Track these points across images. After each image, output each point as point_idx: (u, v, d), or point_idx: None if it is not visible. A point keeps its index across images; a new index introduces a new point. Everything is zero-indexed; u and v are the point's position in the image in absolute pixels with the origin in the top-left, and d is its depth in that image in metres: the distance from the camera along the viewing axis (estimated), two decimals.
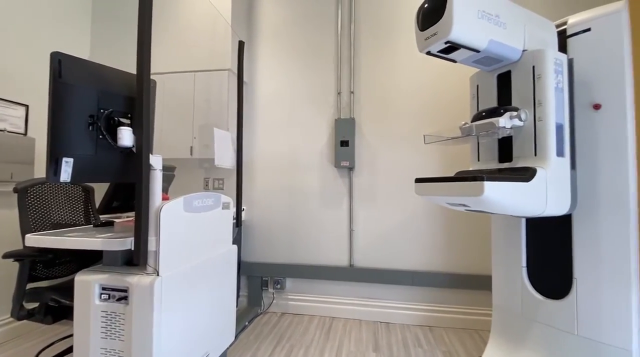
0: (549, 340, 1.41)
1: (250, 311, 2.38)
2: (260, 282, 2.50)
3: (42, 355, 1.78)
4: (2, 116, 2.00)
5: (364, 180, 2.43)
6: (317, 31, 2.55)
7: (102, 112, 1.14)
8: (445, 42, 1.20)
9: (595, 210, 1.29)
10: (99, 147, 1.14)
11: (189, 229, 1.33)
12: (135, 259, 1.09)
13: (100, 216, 1.67)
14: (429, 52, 1.31)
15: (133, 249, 1.11)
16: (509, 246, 1.57)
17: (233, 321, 1.69)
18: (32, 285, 1.37)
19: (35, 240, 1.19)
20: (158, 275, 1.14)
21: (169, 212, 1.20)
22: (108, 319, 1.14)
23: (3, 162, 1.93)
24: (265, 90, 2.62)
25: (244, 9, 2.57)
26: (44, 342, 1.95)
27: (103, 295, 1.15)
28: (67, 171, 1.03)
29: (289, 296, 2.49)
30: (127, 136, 1.12)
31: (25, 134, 2.14)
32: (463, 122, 1.42)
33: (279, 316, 2.41)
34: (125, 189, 1.64)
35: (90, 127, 1.11)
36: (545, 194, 1.21)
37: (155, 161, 1.16)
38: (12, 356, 1.81)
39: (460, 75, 2.33)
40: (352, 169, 2.44)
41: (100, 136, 1.14)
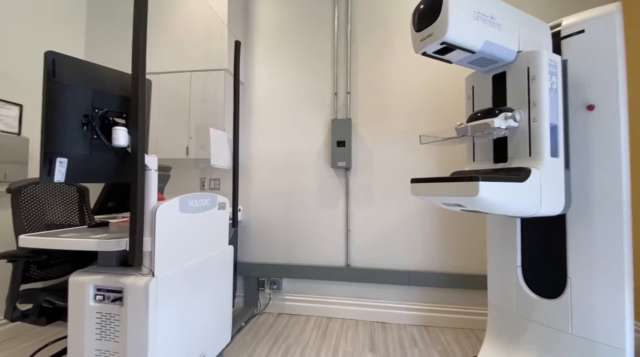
0: (544, 339, 1.42)
1: (247, 312, 2.38)
2: (257, 283, 2.50)
3: None
4: None
5: (361, 180, 2.44)
6: (313, 31, 2.55)
7: (96, 112, 1.13)
8: (441, 43, 1.21)
9: (589, 210, 1.30)
10: (94, 147, 1.13)
11: (185, 229, 1.32)
12: (130, 259, 1.09)
13: (95, 217, 1.66)
14: (425, 53, 1.32)
15: (128, 249, 1.10)
16: (504, 246, 1.58)
17: (229, 322, 1.69)
18: (26, 286, 1.36)
19: (29, 241, 1.18)
20: (153, 276, 1.14)
21: (165, 213, 1.19)
22: (103, 320, 1.13)
23: None
24: (262, 90, 2.61)
25: (240, 9, 2.57)
26: (38, 344, 1.93)
27: (98, 296, 1.14)
28: (61, 171, 1.02)
29: (286, 297, 2.49)
30: (122, 136, 1.12)
31: (19, 134, 2.12)
32: (459, 123, 1.42)
33: (276, 317, 2.41)
34: (121, 189, 1.63)
35: (85, 127, 1.10)
36: (540, 194, 1.22)
37: (151, 161, 1.15)
38: None
39: (456, 75, 2.34)
40: (348, 169, 2.45)
41: (95, 136, 1.13)
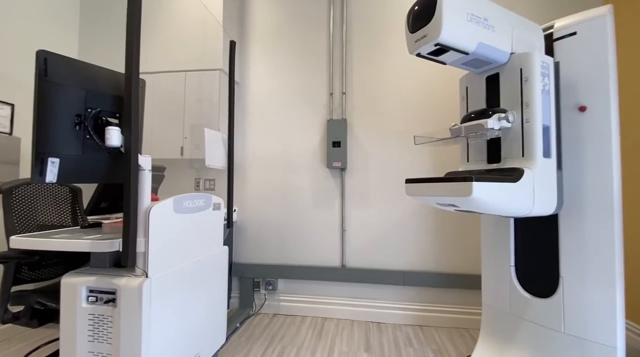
0: (537, 338, 1.43)
1: (242, 313, 2.37)
2: (252, 284, 2.49)
3: None
4: None
5: (356, 180, 2.44)
6: (309, 32, 2.55)
7: (89, 112, 1.12)
8: (435, 45, 1.21)
9: (581, 210, 1.32)
10: (87, 147, 1.12)
11: (179, 230, 1.32)
12: (124, 260, 1.08)
13: (89, 217, 1.64)
14: (419, 54, 1.32)
15: (121, 250, 1.09)
16: (498, 246, 1.59)
17: (224, 323, 1.68)
18: (17, 288, 1.34)
19: (21, 242, 1.17)
20: (147, 277, 1.13)
21: (159, 213, 1.19)
22: (95, 321, 1.12)
23: None
24: (257, 90, 2.61)
25: (236, 8, 2.56)
26: (30, 346, 1.90)
27: (90, 297, 1.13)
28: (53, 171, 1.01)
29: (281, 297, 2.48)
30: (115, 136, 1.11)
31: (11, 133, 2.09)
32: (453, 124, 1.43)
33: (271, 317, 2.40)
34: (114, 189, 1.62)
35: (77, 127, 1.09)
36: (533, 194, 1.23)
37: (144, 161, 1.15)
38: None
39: (451, 76, 2.36)
40: (344, 169, 2.45)
41: (88, 136, 1.12)
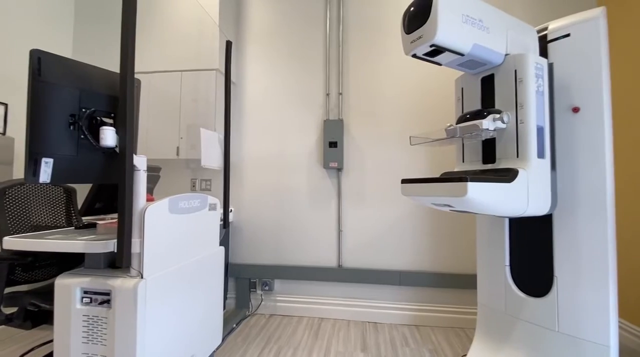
0: (532, 337, 1.44)
1: (238, 313, 2.36)
2: (249, 284, 2.48)
3: None
4: None
5: (352, 181, 2.45)
6: (305, 32, 2.55)
7: (83, 112, 1.11)
8: (431, 46, 1.22)
9: (574, 210, 1.33)
10: (81, 148, 1.12)
11: (175, 230, 1.31)
12: (118, 261, 1.07)
13: (83, 218, 1.63)
14: (415, 55, 1.33)
15: (116, 251, 1.09)
16: (493, 246, 1.60)
17: (220, 324, 1.68)
18: (10, 289, 1.33)
19: (14, 243, 1.15)
20: (142, 278, 1.12)
21: (154, 214, 1.18)
22: (90, 323, 1.11)
23: None
24: (254, 90, 2.61)
25: (232, 9, 2.55)
26: (23, 348, 1.88)
27: (85, 299, 1.12)
28: (46, 172, 1.01)
29: (278, 298, 2.48)
30: (109, 136, 1.10)
31: (4, 133, 2.07)
32: (448, 124, 1.44)
33: (267, 318, 2.40)
34: (109, 189, 1.61)
35: (72, 127, 1.08)
36: (527, 194, 1.24)
37: (139, 162, 1.14)
38: None
39: (447, 77, 2.37)
40: (340, 170, 2.45)
41: (82, 136, 1.11)
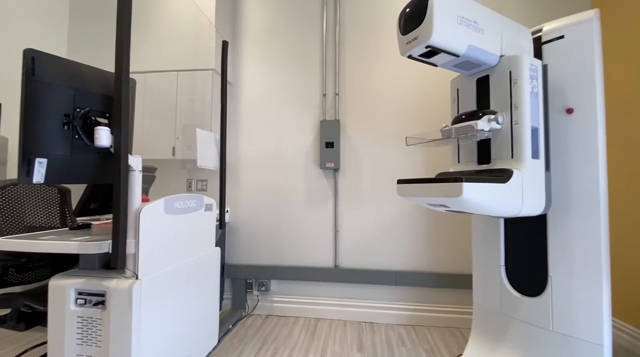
0: (526, 336, 1.45)
1: (234, 314, 2.35)
2: (245, 285, 2.48)
3: None
4: None
5: (349, 181, 2.45)
6: (302, 32, 2.55)
7: (78, 112, 1.10)
8: (426, 47, 1.22)
9: (568, 210, 1.34)
10: (75, 148, 1.11)
11: (170, 231, 1.30)
12: (113, 262, 1.07)
13: (78, 218, 1.62)
14: (411, 56, 1.33)
15: (111, 252, 1.08)
16: (488, 246, 1.61)
17: (216, 325, 1.67)
18: (3, 290, 1.32)
19: (7, 243, 1.14)
20: (137, 278, 1.12)
21: (149, 214, 1.18)
22: (84, 324, 1.11)
23: None
24: (250, 90, 2.60)
25: (228, 8, 2.55)
26: (17, 350, 1.87)
27: (79, 300, 1.12)
28: (40, 172, 1.00)
29: (274, 298, 2.47)
30: (104, 136, 1.10)
31: None
32: (444, 125, 1.45)
33: (264, 319, 2.39)
34: (104, 190, 1.60)
35: (66, 127, 1.08)
36: (522, 194, 1.25)
37: (135, 162, 1.14)
38: None
39: (443, 78, 2.38)
40: (337, 170, 2.46)
41: (76, 136, 1.11)
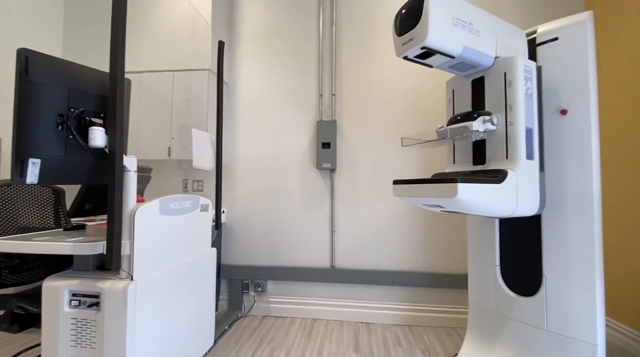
0: (521, 336, 1.46)
1: (231, 315, 2.35)
2: (241, 286, 2.47)
3: None
4: None
5: (346, 181, 2.45)
6: (298, 33, 2.55)
7: (72, 112, 1.10)
8: (422, 48, 1.23)
9: (563, 210, 1.35)
10: (69, 148, 1.10)
11: (165, 232, 1.30)
12: (108, 263, 1.06)
13: (72, 219, 1.60)
14: (406, 57, 1.34)
15: (105, 253, 1.08)
16: (484, 246, 1.62)
17: (212, 326, 1.67)
18: None
19: (0, 244, 1.13)
20: (132, 280, 1.11)
21: (144, 215, 1.17)
22: (78, 326, 1.10)
23: None
24: (247, 91, 2.60)
25: (225, 9, 2.54)
26: (10, 352, 1.85)
27: (73, 301, 1.11)
28: (33, 172, 0.99)
29: (270, 299, 2.47)
30: (99, 136, 1.09)
31: None
32: (439, 126, 1.45)
33: (260, 319, 2.39)
34: (99, 190, 1.59)
35: (60, 127, 1.07)
36: (516, 195, 1.26)
37: (129, 162, 1.13)
38: None
39: (439, 79, 2.39)
40: (333, 170, 2.46)
41: (71, 136, 1.10)
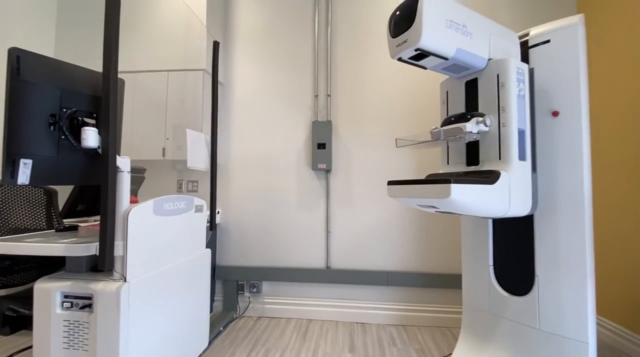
0: (514, 335, 1.47)
1: (226, 316, 2.34)
2: (236, 287, 2.46)
3: None
4: None
5: (341, 182, 2.46)
6: (293, 33, 2.56)
7: (64, 112, 1.09)
8: (415, 50, 1.24)
9: (554, 211, 1.37)
10: (62, 148, 1.09)
11: (159, 233, 1.29)
12: (101, 264, 1.05)
13: (65, 220, 1.59)
14: (401, 59, 1.34)
15: (98, 254, 1.07)
16: (477, 246, 1.64)
17: (206, 327, 1.66)
18: None
19: None
20: (125, 281, 1.10)
21: (138, 216, 1.16)
22: (70, 328, 1.09)
23: None
24: (242, 91, 2.59)
25: (220, 9, 2.54)
26: (1, 355, 1.82)
27: (65, 303, 1.10)
28: (25, 173, 0.98)
29: (266, 300, 2.46)
30: (91, 137, 1.08)
31: None
32: (434, 127, 1.46)
33: (255, 320, 2.38)
34: (91, 191, 1.57)
35: (52, 127, 1.06)
36: (509, 195, 1.27)
37: (123, 163, 1.12)
38: None
39: (434, 80, 2.41)
40: (329, 171, 2.46)
41: (63, 137, 1.09)
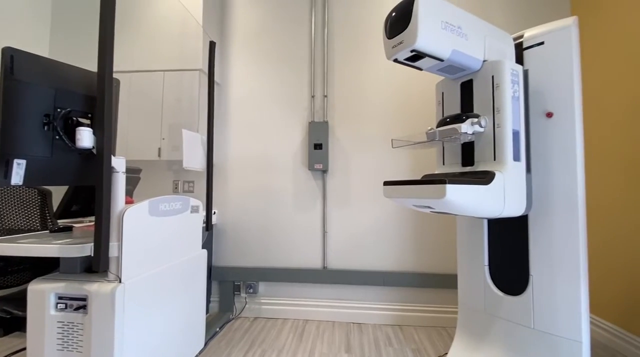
0: (509, 334, 1.48)
1: (222, 317, 2.33)
2: (232, 287, 2.46)
3: None
4: None
5: (337, 183, 2.46)
6: (290, 34, 2.56)
7: (58, 112, 1.08)
8: (411, 51, 1.24)
9: (549, 211, 1.38)
10: (56, 148, 1.08)
11: (155, 233, 1.29)
12: (95, 265, 1.05)
13: (59, 221, 1.58)
14: (396, 60, 1.35)
15: (93, 255, 1.06)
16: (473, 246, 1.65)
17: (202, 328, 1.66)
18: None
19: None
20: (120, 282, 1.10)
21: (133, 217, 1.16)
22: (65, 329, 1.08)
23: None
24: (238, 91, 2.59)
25: (216, 9, 2.53)
26: None
27: (59, 305, 1.09)
28: (19, 173, 0.97)
29: (262, 300, 2.46)
30: (86, 137, 1.07)
31: None
32: (429, 128, 1.47)
33: (252, 321, 2.38)
34: (86, 191, 1.57)
35: (46, 127, 1.05)
36: (504, 196, 1.28)
37: (118, 163, 1.12)
38: None
39: (430, 81, 2.42)
40: (325, 171, 2.47)
41: (57, 137, 1.08)
